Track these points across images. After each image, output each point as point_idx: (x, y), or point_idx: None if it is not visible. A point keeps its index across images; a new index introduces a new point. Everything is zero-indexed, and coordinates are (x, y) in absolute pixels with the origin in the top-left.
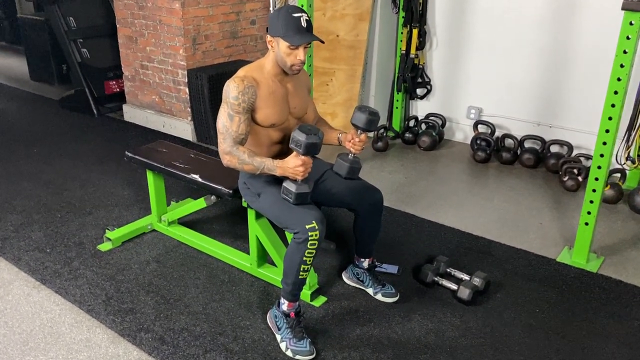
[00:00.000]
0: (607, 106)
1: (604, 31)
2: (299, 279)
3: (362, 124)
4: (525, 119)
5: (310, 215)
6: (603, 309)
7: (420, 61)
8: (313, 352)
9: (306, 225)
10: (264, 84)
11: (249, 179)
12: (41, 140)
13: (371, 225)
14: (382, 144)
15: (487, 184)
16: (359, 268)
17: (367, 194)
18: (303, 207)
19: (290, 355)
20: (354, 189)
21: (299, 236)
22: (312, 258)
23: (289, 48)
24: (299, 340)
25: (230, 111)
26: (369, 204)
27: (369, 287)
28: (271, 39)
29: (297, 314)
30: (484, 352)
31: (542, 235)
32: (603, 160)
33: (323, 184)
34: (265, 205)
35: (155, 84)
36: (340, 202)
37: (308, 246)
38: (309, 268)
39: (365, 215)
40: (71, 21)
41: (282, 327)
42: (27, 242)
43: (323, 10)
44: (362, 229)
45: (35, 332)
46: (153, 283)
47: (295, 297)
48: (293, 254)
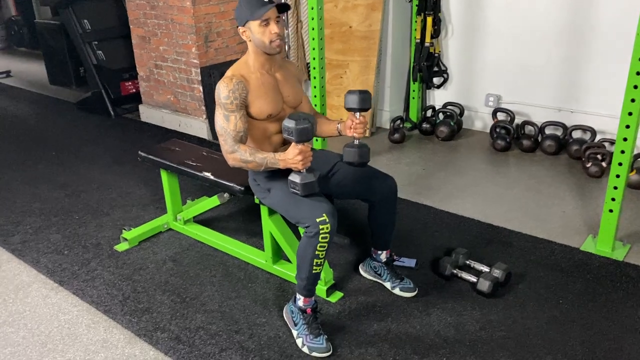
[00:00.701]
0: (629, 88)
1: (624, 9)
2: (312, 274)
3: (355, 105)
4: (546, 104)
5: (320, 208)
6: (630, 299)
7: (436, 49)
8: (330, 349)
9: (317, 219)
10: (252, 78)
11: (257, 176)
12: (59, 143)
13: (386, 215)
14: (398, 136)
15: (508, 172)
16: (377, 261)
17: (380, 182)
18: (313, 200)
19: (307, 352)
20: (366, 178)
21: (310, 230)
22: (325, 252)
23: (260, 26)
24: (315, 337)
25: (225, 112)
26: (382, 193)
27: (386, 281)
28: (243, 29)
29: (313, 310)
30: (506, 346)
31: (565, 224)
32: (626, 145)
33: (334, 176)
34: (276, 200)
35: (170, 84)
36: (353, 193)
37: (320, 240)
38: (322, 262)
39: (379, 204)
40: (86, 24)
41: (298, 322)
42: (46, 244)
43: (335, 2)
44: (378, 220)
45: (54, 334)
46: (169, 282)
47: (310, 292)
48: (305, 248)
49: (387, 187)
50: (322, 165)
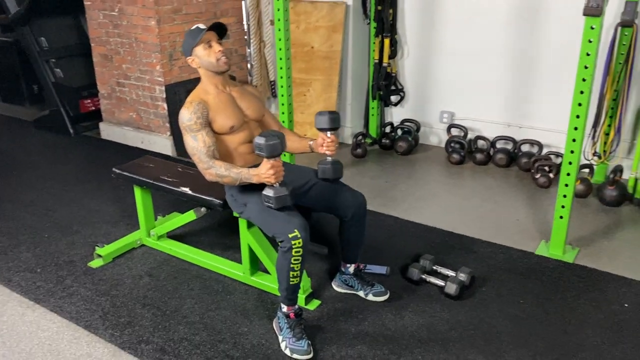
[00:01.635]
0: (575, 104)
1: (567, 35)
2: (290, 285)
3: (326, 125)
4: (496, 120)
5: (292, 224)
6: (581, 296)
7: (393, 69)
8: (310, 352)
9: (289, 234)
10: (210, 99)
11: (233, 191)
12: (19, 162)
13: (356, 229)
14: (360, 150)
15: (464, 184)
16: (346, 275)
17: (351, 197)
18: (286, 214)
19: (288, 354)
20: (338, 194)
21: (284, 245)
22: (300, 264)
23: (205, 49)
24: (297, 340)
25: (192, 133)
26: (353, 207)
27: (359, 290)
28: (191, 58)
29: (296, 315)
30: (474, 343)
31: (520, 231)
32: (574, 156)
33: (309, 191)
34: (252, 214)
35: (133, 101)
36: (326, 207)
37: (293, 254)
38: (299, 274)
39: (350, 219)
40: (43, 41)
41: (283, 327)
42: (16, 263)
43: (297, 23)
44: (348, 235)
45: (35, 351)
46: (148, 296)
47: (292, 302)
48: (281, 262)
49: (358, 203)
50: (297, 179)
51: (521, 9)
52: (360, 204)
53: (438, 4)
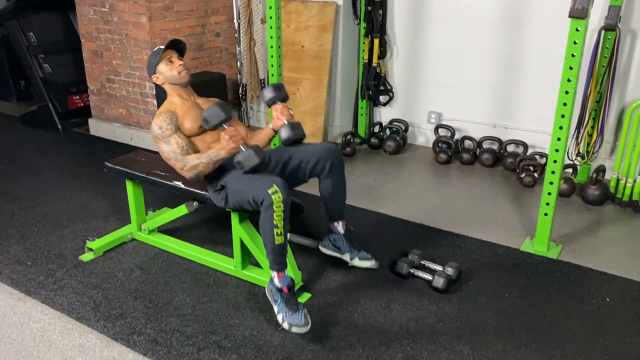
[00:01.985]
0: (559, 105)
1: (553, 37)
2: (276, 245)
3: (271, 95)
4: (483, 121)
5: (270, 181)
6: (565, 290)
7: (382, 70)
8: (308, 323)
9: (268, 190)
10: (177, 108)
11: (213, 183)
12: (6, 157)
13: (337, 180)
14: (349, 149)
15: (451, 183)
16: (335, 234)
17: (324, 149)
18: (263, 176)
19: (286, 328)
20: (313, 151)
21: (265, 203)
22: (283, 221)
23: (167, 65)
24: (294, 312)
25: (164, 139)
26: (330, 157)
27: (345, 252)
28: (155, 75)
29: (289, 289)
30: (461, 335)
31: (505, 228)
32: (558, 155)
33: (289, 163)
34: (232, 193)
35: (122, 97)
36: (306, 169)
37: (275, 209)
38: (283, 232)
39: (328, 170)
40: (31, 37)
41: (277, 300)
42: (6, 256)
43: (287, 22)
44: (330, 187)
45: (27, 341)
46: (139, 289)
47: (281, 266)
48: (264, 222)
49: (333, 152)
50: (279, 156)
51: (507, 12)
52: (335, 152)
53: (427, 6)
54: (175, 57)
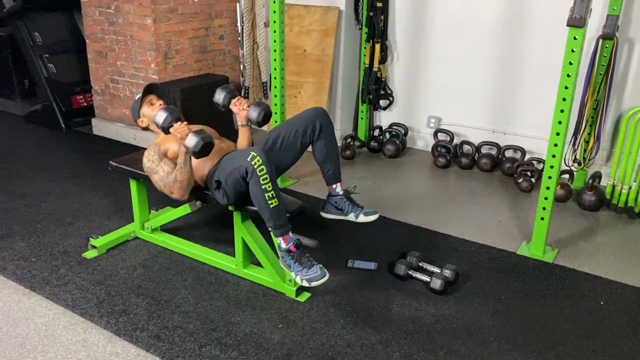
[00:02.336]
0: (557, 112)
1: (551, 45)
2: (272, 209)
3: (222, 99)
4: (481, 126)
5: (247, 151)
6: (559, 294)
7: (383, 74)
8: (325, 274)
9: (247, 158)
10: (161, 140)
11: (213, 180)
12: (11, 155)
13: (328, 139)
14: (349, 152)
15: (449, 187)
16: (336, 196)
17: (312, 111)
18: (243, 150)
19: (307, 285)
20: (301, 118)
21: (249, 172)
22: (270, 184)
23: (149, 108)
24: (309, 268)
25: (154, 171)
26: (318, 117)
27: (349, 213)
28: (140, 119)
29: (297, 247)
30: (458, 335)
31: (502, 232)
32: (555, 161)
33: (282, 138)
34: (225, 180)
35: (126, 98)
36: (299, 137)
37: (259, 174)
38: (274, 194)
39: (319, 131)
40: (37, 36)
41: (290, 264)
42: (10, 252)
43: (290, 26)
44: (323, 148)
45: (31, 336)
46: (142, 286)
47: (284, 228)
48: (254, 191)
49: (320, 112)
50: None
51: (506, 19)
52: (322, 112)
53: (427, 12)
54: (155, 99)
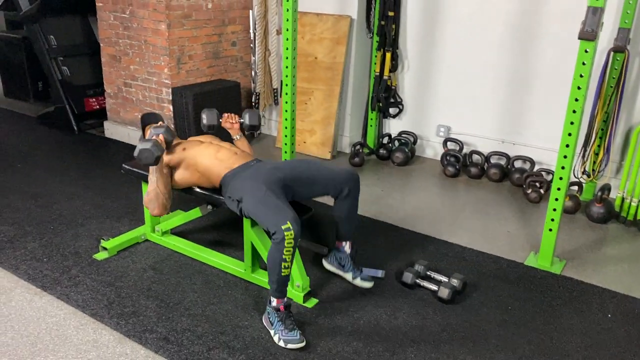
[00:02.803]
0: (567, 123)
1: (562, 57)
2: (282, 276)
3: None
4: (491, 136)
5: (285, 216)
6: (567, 306)
7: (393, 82)
8: (303, 341)
9: (282, 226)
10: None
11: (230, 192)
12: (24, 155)
13: (351, 204)
14: (358, 159)
15: (458, 196)
16: (342, 252)
17: (346, 173)
18: (279, 207)
19: (283, 345)
20: (335, 175)
21: (276, 236)
22: (291, 256)
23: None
24: (290, 331)
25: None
26: (350, 182)
27: (348, 271)
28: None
29: (286, 307)
30: (465, 344)
31: (510, 242)
32: (564, 172)
33: (309, 179)
34: (248, 207)
35: (139, 102)
36: (320, 190)
37: (285, 245)
38: (290, 265)
39: (346, 194)
40: (52, 39)
41: (274, 321)
42: (23, 252)
43: (302, 34)
44: (344, 210)
45: (43, 335)
46: (152, 289)
47: (282, 294)
48: (273, 253)
49: (354, 179)
50: (299, 171)
51: (518, 30)
52: (356, 178)
53: (439, 22)
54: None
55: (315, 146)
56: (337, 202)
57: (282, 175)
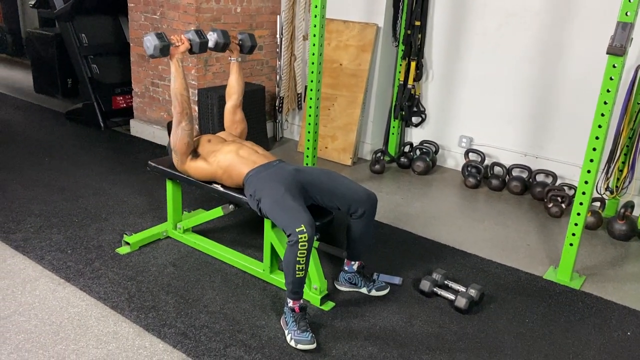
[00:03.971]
0: (592, 138)
1: (588, 71)
2: (296, 278)
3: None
4: (513, 149)
5: (300, 220)
6: (586, 321)
7: (417, 92)
8: (314, 343)
9: (296, 229)
10: None
11: (251, 190)
12: (52, 150)
13: (366, 226)
14: (379, 167)
15: (478, 207)
16: (350, 272)
17: (365, 194)
18: (295, 210)
19: (293, 345)
20: (351, 193)
21: (291, 238)
22: (305, 258)
23: None
24: (302, 332)
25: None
26: (367, 204)
27: (362, 287)
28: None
29: (301, 309)
30: (480, 354)
31: (530, 255)
32: (587, 187)
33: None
34: (266, 208)
35: (165, 101)
36: (336, 204)
37: (299, 247)
38: (304, 267)
39: (361, 215)
40: (83, 38)
41: (289, 322)
42: (48, 243)
43: (328, 40)
44: (358, 231)
45: (65, 324)
46: (172, 284)
47: (297, 295)
48: (288, 256)
49: (371, 201)
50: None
51: (545, 44)
52: (374, 201)
53: (465, 33)
54: None
55: (337, 152)
56: (351, 221)
57: (302, 178)
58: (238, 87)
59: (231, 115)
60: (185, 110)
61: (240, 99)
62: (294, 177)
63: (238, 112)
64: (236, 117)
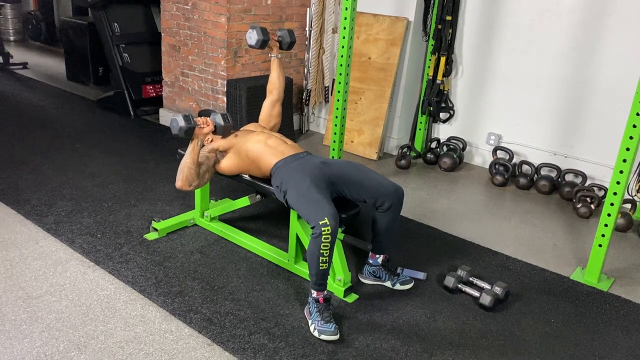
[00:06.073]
0: (625, 138)
1: (624, 70)
2: (320, 270)
3: (263, 36)
4: (542, 147)
5: (323, 212)
6: (613, 324)
7: (446, 87)
8: (337, 334)
9: (320, 221)
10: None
11: (278, 182)
12: (83, 136)
13: (392, 218)
14: (405, 162)
15: (505, 206)
16: (374, 265)
17: (392, 187)
18: (319, 203)
19: (317, 335)
20: (378, 186)
21: (315, 231)
22: (328, 251)
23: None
24: (326, 322)
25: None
26: (394, 197)
27: (386, 280)
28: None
29: (325, 300)
30: (504, 353)
31: (557, 255)
32: (619, 187)
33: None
34: (291, 200)
35: (194, 91)
36: (362, 196)
37: (322, 240)
38: (327, 260)
39: (387, 208)
40: (116, 27)
41: (313, 312)
42: (79, 226)
43: (357, 34)
44: (384, 224)
45: (94, 306)
46: (198, 271)
47: (321, 287)
48: (312, 248)
49: (398, 195)
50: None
51: (579, 41)
52: (401, 195)
53: (497, 29)
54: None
55: (362, 146)
56: (377, 214)
57: (329, 171)
58: (279, 83)
59: (269, 109)
60: (189, 182)
61: (281, 94)
62: (321, 169)
63: (277, 107)
64: (274, 111)
